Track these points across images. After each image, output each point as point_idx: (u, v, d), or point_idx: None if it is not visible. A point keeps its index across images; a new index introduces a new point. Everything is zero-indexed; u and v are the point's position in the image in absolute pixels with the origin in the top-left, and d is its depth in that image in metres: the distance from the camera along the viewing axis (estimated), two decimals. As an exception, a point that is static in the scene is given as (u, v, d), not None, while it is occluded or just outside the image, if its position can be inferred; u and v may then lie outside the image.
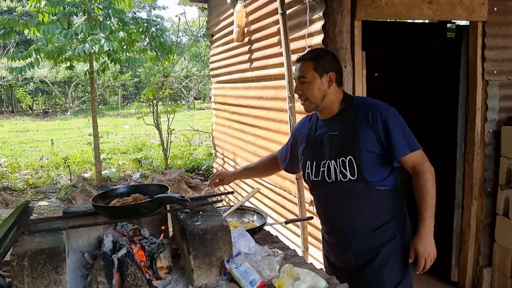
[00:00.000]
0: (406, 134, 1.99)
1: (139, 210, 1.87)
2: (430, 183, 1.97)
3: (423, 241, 1.97)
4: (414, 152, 1.99)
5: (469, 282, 3.64)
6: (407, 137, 1.99)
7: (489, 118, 3.42)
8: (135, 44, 7.96)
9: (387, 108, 2.04)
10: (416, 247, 1.98)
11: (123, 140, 13.29)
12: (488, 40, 3.33)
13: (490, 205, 3.52)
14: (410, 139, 2.00)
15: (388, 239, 2.07)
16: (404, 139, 1.98)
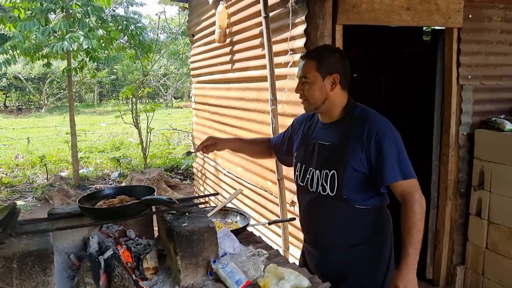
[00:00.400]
0: (400, 159, 1.85)
1: (125, 212, 1.89)
2: (418, 216, 1.83)
3: (404, 278, 1.80)
4: (406, 180, 1.84)
5: (443, 280, 3.77)
6: (401, 163, 1.84)
7: (463, 121, 3.55)
8: (114, 42, 7.89)
9: (386, 128, 1.89)
10: (396, 284, 1.81)
11: (100, 138, 13.14)
12: (463, 45, 3.46)
13: (463, 205, 3.66)
14: (405, 166, 1.85)
15: (362, 259, 2.00)
16: (398, 165, 1.84)
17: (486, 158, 3.45)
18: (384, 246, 2.05)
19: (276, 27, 3.32)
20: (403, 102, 5.32)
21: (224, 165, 4.83)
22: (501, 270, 3.37)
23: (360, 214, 1.96)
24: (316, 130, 2.09)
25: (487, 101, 3.62)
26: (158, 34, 13.49)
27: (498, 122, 3.39)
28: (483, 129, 3.52)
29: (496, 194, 3.37)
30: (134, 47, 7.98)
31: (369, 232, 2.00)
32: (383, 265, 2.05)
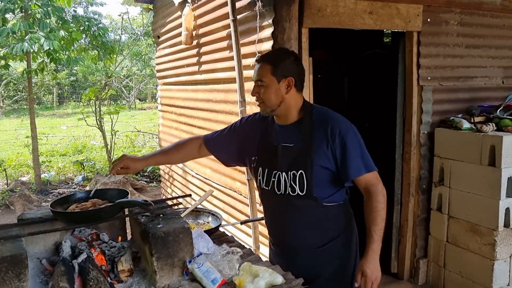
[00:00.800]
0: (363, 154, 1.96)
1: (100, 215, 1.89)
2: (381, 205, 1.94)
3: (371, 264, 1.91)
4: (370, 173, 1.96)
5: (407, 273, 3.92)
6: (364, 158, 1.95)
7: (424, 121, 3.70)
8: (75, 43, 7.73)
9: (347, 126, 1.99)
10: (364, 270, 1.92)
11: (61, 141, 12.80)
12: (423, 48, 3.61)
13: (425, 201, 3.82)
14: (367, 160, 1.96)
15: (334, 257, 2.07)
16: (361, 160, 1.94)
17: (446, 155, 3.61)
18: (351, 241, 2.14)
19: (243, 29, 3.37)
20: (365, 102, 5.48)
21: (192, 167, 4.84)
22: (461, 262, 3.54)
23: (329, 211, 2.03)
24: (274, 133, 2.09)
25: (445, 101, 3.79)
26: (121, 35, 13.23)
27: (456, 121, 3.56)
28: (442, 128, 3.69)
29: (455, 190, 3.54)
30: (96, 48, 7.83)
31: (338, 228, 2.08)
32: (352, 260, 2.13)
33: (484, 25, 3.85)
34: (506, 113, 3.59)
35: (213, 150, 2.29)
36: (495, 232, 3.26)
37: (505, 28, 3.94)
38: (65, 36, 6.81)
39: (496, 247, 3.26)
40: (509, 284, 3.38)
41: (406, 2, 3.42)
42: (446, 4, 3.62)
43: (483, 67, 3.91)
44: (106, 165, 8.65)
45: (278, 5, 3.00)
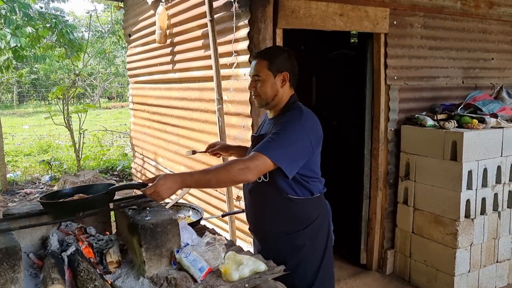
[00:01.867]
0: (274, 141, 1.94)
1: (93, 204, 1.95)
2: (234, 171, 1.88)
3: (169, 180, 1.82)
4: (258, 152, 1.92)
5: (376, 264, 4.10)
6: (271, 143, 1.94)
7: (391, 118, 3.90)
8: (41, 40, 7.59)
9: (292, 117, 2.02)
10: (159, 178, 1.83)
11: (24, 141, 12.47)
12: (389, 49, 3.79)
13: (392, 195, 4.01)
14: (271, 147, 1.93)
15: (298, 247, 2.13)
16: (268, 144, 1.94)
17: (411, 151, 3.81)
18: (318, 235, 2.21)
19: (219, 29, 3.45)
20: (333, 101, 5.66)
21: (165, 164, 4.88)
22: (425, 251, 3.75)
23: (293, 204, 2.11)
24: (263, 125, 2.27)
25: (410, 100, 3.99)
26: (89, 33, 13.01)
27: (421, 119, 3.77)
28: (408, 125, 3.89)
29: (420, 183, 3.75)
30: (64, 46, 7.71)
31: (303, 221, 2.15)
32: (318, 252, 2.21)
33: (445, 28, 4.08)
34: (466, 110, 3.83)
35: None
36: (457, 223, 3.48)
37: (464, 31, 4.19)
38: (32, 33, 6.68)
39: (458, 236, 3.48)
40: (469, 270, 3.61)
41: (374, 5, 3.60)
42: (410, 8, 3.83)
43: (444, 67, 4.14)
44: (74, 164, 8.52)
45: (254, 6, 3.11)
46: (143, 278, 1.87)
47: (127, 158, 9.01)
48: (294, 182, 2.08)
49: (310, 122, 2.06)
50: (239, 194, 3.46)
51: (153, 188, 1.81)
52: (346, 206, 4.30)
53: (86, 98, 27.37)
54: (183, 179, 1.87)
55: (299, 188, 2.11)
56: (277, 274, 1.94)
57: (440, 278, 3.63)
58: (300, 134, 1.99)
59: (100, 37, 19.62)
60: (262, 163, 1.91)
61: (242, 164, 1.90)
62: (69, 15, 26.47)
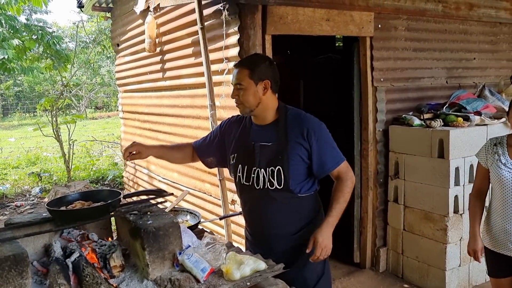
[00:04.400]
0: (334, 148, 2.20)
1: (108, 209, 2.04)
2: (348, 189, 2.19)
3: (324, 233, 2.12)
4: (342, 163, 2.20)
5: (369, 261, 4.19)
6: (336, 151, 2.20)
7: (379, 119, 4.00)
8: (28, 52, 7.59)
9: (319, 124, 2.20)
10: (316, 237, 2.11)
11: (11, 154, 12.36)
12: (375, 52, 3.90)
13: (383, 194, 4.11)
14: (337, 153, 2.21)
15: (306, 242, 2.18)
16: (335, 153, 2.20)
17: (400, 150, 3.92)
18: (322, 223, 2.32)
19: (209, 36, 3.52)
20: (321, 104, 5.75)
21: (158, 172, 4.92)
22: (417, 248, 3.84)
23: (303, 201, 2.23)
24: (252, 132, 2.27)
25: (397, 101, 4.10)
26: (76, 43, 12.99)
27: (408, 119, 3.87)
28: (395, 125, 4.00)
29: (409, 182, 3.85)
30: (50, 57, 7.71)
31: (310, 216, 2.28)
32: None
33: (428, 30, 4.20)
34: (451, 109, 3.95)
35: (201, 155, 2.49)
36: (446, 218, 3.58)
37: (446, 32, 4.32)
38: (19, 45, 6.68)
39: (447, 231, 3.58)
40: (460, 265, 3.71)
41: (359, 9, 3.70)
42: (394, 11, 3.94)
43: (429, 68, 4.27)
44: (64, 175, 8.49)
45: (243, 13, 3.19)
46: (147, 280, 1.92)
47: (117, 168, 9.01)
48: (307, 179, 2.21)
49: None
50: (233, 198, 3.52)
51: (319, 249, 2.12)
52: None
53: (72, 109, 27.18)
54: (333, 223, 2.18)
55: (307, 185, 2.22)
56: (277, 272, 2.00)
57: (432, 273, 3.73)
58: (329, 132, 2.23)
59: (85, 48, 19.56)
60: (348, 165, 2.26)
61: (350, 180, 2.22)
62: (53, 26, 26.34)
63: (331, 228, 2.16)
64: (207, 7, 3.50)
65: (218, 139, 2.43)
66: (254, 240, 2.42)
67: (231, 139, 2.35)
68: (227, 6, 3.26)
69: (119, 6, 5.61)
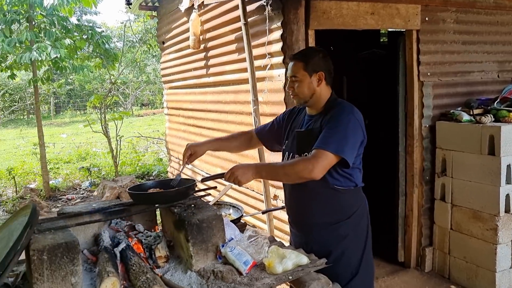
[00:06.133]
0: (333, 135, 2.06)
1: (187, 193, 2.20)
2: (295, 168, 2.07)
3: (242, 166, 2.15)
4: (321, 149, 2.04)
5: (414, 261, 4.09)
6: (330, 137, 2.06)
7: (425, 115, 3.89)
8: (78, 51, 7.90)
9: (343, 111, 2.14)
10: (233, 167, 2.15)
11: (63, 149, 12.91)
12: (422, 46, 3.79)
13: (429, 191, 3.99)
14: (330, 140, 2.05)
15: (342, 237, 2.22)
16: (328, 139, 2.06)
17: (447, 147, 3.79)
18: (360, 225, 2.31)
19: (253, 32, 3.54)
20: (365, 100, 5.66)
21: (202, 167, 5.00)
22: (465, 248, 3.71)
23: (338, 194, 2.21)
24: (302, 121, 2.34)
25: (444, 96, 3.97)
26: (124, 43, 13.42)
27: (456, 114, 3.75)
28: (443, 121, 3.87)
29: (457, 179, 3.72)
30: (100, 56, 7.99)
31: (346, 212, 2.25)
32: (360, 242, 2.31)
33: (479, 22, 4.04)
34: (503, 104, 3.78)
35: (262, 139, 2.59)
36: (497, 218, 3.44)
37: (498, 24, 4.14)
38: (70, 44, 6.97)
39: (498, 231, 3.44)
40: (511, 266, 3.56)
41: (405, 2, 3.61)
42: (442, 3, 3.82)
43: (479, 62, 4.10)
44: (111, 170, 8.78)
45: (286, 8, 3.19)
46: (190, 271, 1.97)
47: (162, 163, 9.23)
48: (339, 173, 2.17)
49: (359, 114, 2.19)
50: (275, 193, 3.53)
51: (230, 172, 2.12)
52: (381, 204, 4.30)
53: (119, 106, 28.06)
54: (256, 167, 2.19)
55: (343, 179, 2.19)
56: (319, 266, 2.00)
57: (481, 274, 3.59)
58: (355, 125, 2.13)
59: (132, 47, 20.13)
60: (325, 159, 2.05)
61: (306, 163, 2.06)
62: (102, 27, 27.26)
63: (253, 169, 2.13)
64: (251, 3, 3.52)
65: (277, 127, 2.52)
66: (293, 229, 2.47)
67: (288, 127, 2.43)
68: (270, 2, 3.27)
69: (164, 5, 5.74)
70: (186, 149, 2.42)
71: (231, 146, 2.67)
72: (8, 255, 1.61)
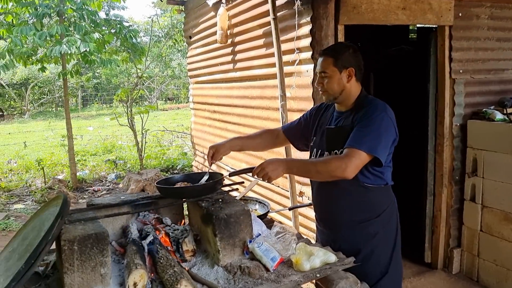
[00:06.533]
0: (366, 133, 2.02)
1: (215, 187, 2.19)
2: (328, 167, 2.02)
3: (273, 161, 2.10)
4: (354, 148, 2.01)
5: (441, 262, 4.00)
6: (363, 136, 2.02)
7: (456, 113, 3.79)
8: (107, 45, 8.00)
9: (378, 110, 2.09)
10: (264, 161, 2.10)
11: (90, 142, 13.15)
12: (454, 42, 3.70)
13: (458, 192, 3.90)
14: (364, 139, 2.01)
15: (371, 236, 2.18)
16: (359, 136, 2.03)
17: (479, 146, 3.69)
18: (389, 223, 2.27)
19: (281, 27, 3.51)
20: (392, 98, 5.55)
21: (227, 162, 5.00)
22: (495, 250, 3.61)
23: (368, 192, 2.17)
24: (331, 118, 2.30)
25: (477, 94, 3.87)
26: (150, 37, 13.54)
27: (489, 113, 3.64)
28: (474, 119, 3.77)
29: (489, 180, 3.62)
30: (127, 50, 8.08)
31: (376, 210, 2.21)
32: (390, 240, 2.27)
33: (514, 18, 3.92)
34: (538, 104, 3.65)
35: (289, 137, 2.53)
36: (530, 220, 3.34)
37: (535, 21, 4.00)
38: (99, 38, 7.06)
39: (531, 234, 3.34)
40: (544, 271, 3.45)
41: (438, -3, 3.52)
42: (476, -1, 3.71)
43: (514, 59, 3.98)
44: (136, 162, 8.89)
45: (316, 3, 3.14)
46: (217, 266, 1.96)
47: (187, 157, 9.29)
48: (370, 171, 2.13)
49: (392, 112, 2.14)
50: (301, 190, 3.50)
51: (259, 167, 2.07)
52: (408, 203, 4.21)
53: (144, 100, 28.39)
54: (287, 163, 2.16)
55: (374, 177, 2.15)
56: (348, 265, 1.97)
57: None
58: (387, 123, 2.09)
59: (158, 41, 20.33)
60: (358, 159, 2.01)
61: (339, 161, 2.02)
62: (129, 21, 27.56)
63: (284, 165, 2.10)
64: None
65: (304, 124, 2.47)
66: (320, 226, 2.43)
67: (315, 124, 2.39)
68: (299, -4, 3.24)
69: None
70: (208, 150, 2.40)
71: (255, 145, 2.61)
72: (40, 244, 1.64)
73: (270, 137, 2.57)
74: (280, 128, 2.63)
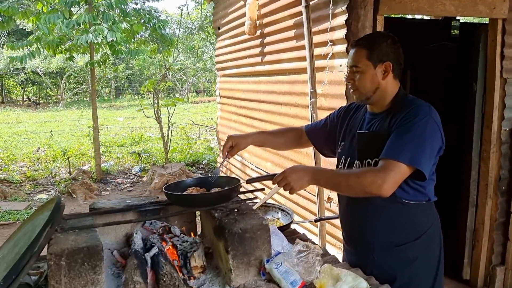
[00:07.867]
0: (406, 141, 1.69)
1: (230, 195, 1.93)
2: (362, 181, 1.69)
3: (297, 168, 1.82)
4: (393, 159, 1.68)
5: (481, 280, 3.64)
6: (404, 144, 1.70)
7: (506, 117, 3.41)
8: (135, 36, 7.87)
9: (422, 112, 1.75)
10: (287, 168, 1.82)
11: (118, 133, 13.17)
12: (508, 38, 3.31)
13: (504, 204, 3.52)
14: (405, 148, 1.68)
15: (410, 261, 1.87)
16: (398, 144, 1.71)
17: (531, 155, 3.31)
18: (431, 246, 1.93)
19: (314, 17, 3.23)
20: (431, 97, 5.16)
21: (251, 160, 4.76)
22: (545, 271, 3.24)
23: (406, 210, 1.84)
24: (363, 121, 1.96)
25: (531, 96, 3.47)
26: (179, 28, 13.42)
27: (544, 118, 3.25)
28: (527, 124, 3.38)
29: (541, 193, 3.24)
30: (156, 41, 7.93)
31: (416, 230, 1.87)
32: (432, 267, 1.93)
33: None
34: None
35: (313, 140, 2.23)
36: None
37: None
38: (127, 28, 6.92)
39: None
40: None
41: (492, -13, 3.15)
42: (536, -12, 3.31)
43: None
44: (162, 156, 8.77)
45: (353, -10, 2.84)
46: (228, 287, 1.71)
47: (213, 152, 9.10)
48: (410, 185, 1.79)
49: (437, 116, 1.78)
50: (329, 195, 3.22)
51: (281, 175, 1.79)
52: (447, 214, 3.86)
53: (175, 92, 28.53)
54: (314, 173, 1.83)
55: (414, 191, 1.81)
56: (381, 294, 1.68)
57: None
58: (433, 130, 1.74)
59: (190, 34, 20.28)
60: (398, 173, 1.68)
61: (375, 176, 1.68)
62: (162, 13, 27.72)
63: (310, 175, 1.79)
64: (313, -16, 3.20)
65: (332, 125, 2.15)
66: (348, 246, 2.10)
67: (343, 127, 2.06)
68: (335, -18, 2.94)
69: (222, -12, 5.51)
70: (227, 140, 2.10)
71: (277, 143, 2.31)
72: (22, 257, 1.42)
73: (294, 136, 2.27)
74: (303, 127, 2.28)
